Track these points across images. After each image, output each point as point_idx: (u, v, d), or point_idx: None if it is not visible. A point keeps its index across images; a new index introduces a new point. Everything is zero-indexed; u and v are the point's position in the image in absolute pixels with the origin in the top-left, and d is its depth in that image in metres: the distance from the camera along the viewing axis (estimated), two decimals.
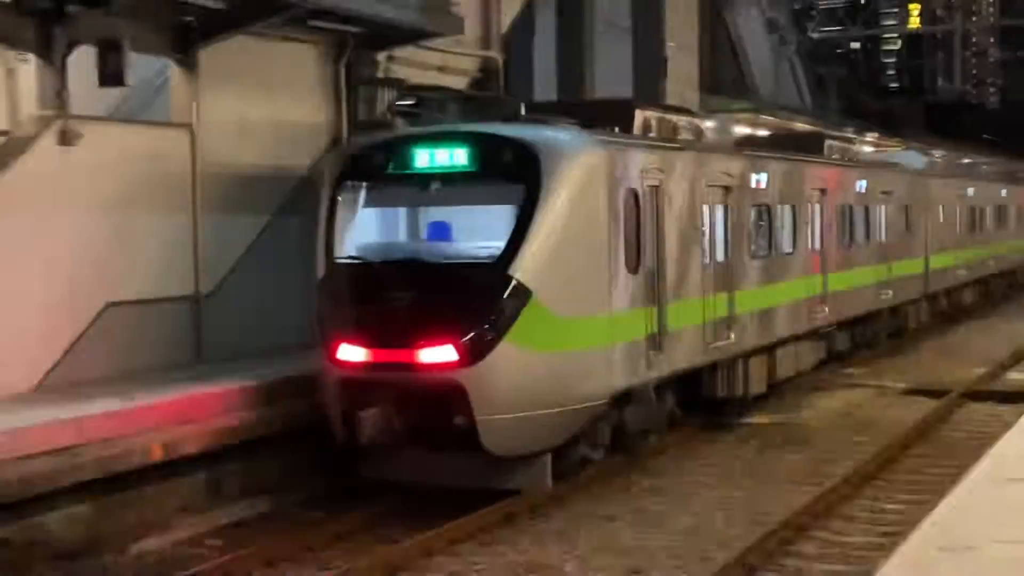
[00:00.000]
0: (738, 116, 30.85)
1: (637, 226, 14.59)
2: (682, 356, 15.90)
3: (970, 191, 33.87)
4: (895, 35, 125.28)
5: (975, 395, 20.31)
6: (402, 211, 14.86)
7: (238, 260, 16.90)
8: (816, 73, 48.08)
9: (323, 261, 14.00)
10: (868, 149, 32.01)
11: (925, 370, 23.89)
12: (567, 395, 13.50)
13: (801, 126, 36.09)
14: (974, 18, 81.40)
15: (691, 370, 16.44)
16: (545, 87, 27.44)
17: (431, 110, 24.33)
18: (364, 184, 14.23)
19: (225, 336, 16.57)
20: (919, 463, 15.79)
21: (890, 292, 25.17)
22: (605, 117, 15.64)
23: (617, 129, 15.57)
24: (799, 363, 20.37)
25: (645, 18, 28.33)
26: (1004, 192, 39.14)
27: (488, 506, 13.12)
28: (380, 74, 18.62)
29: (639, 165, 14.82)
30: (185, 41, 15.98)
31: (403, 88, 19.16)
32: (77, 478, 11.69)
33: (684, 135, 17.78)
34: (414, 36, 18.36)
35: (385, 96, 18.63)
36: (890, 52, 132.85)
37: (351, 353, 13.33)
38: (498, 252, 13.13)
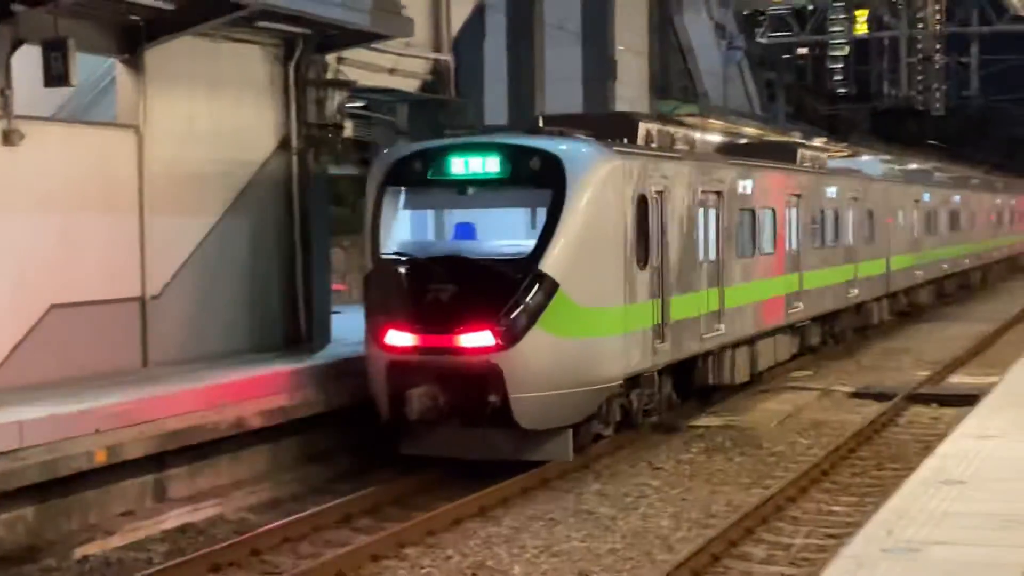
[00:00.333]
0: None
1: (645, 227, 16.22)
2: (681, 345, 17.54)
3: (926, 196, 35.79)
4: (842, 41, 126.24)
5: (920, 398, 20.51)
6: (442, 212, 16.32)
7: (185, 262, 16.76)
8: (765, 78, 48.37)
9: (370, 257, 15.48)
10: (834, 157, 33.39)
11: (871, 373, 24.09)
12: (588, 377, 15.07)
13: (750, 130, 36.28)
14: (920, 25, 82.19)
15: (688, 358, 18.04)
16: (495, 89, 27.47)
17: (381, 112, 24.35)
18: (407, 188, 15.82)
19: (172, 339, 16.45)
20: (865, 465, 15.92)
21: (856, 290, 27.03)
22: (612, 129, 17.38)
23: (625, 140, 17.19)
24: (777, 355, 22.10)
25: (595, 22, 28.41)
26: (957, 198, 41.19)
27: (504, 480, 14.54)
28: (330, 75, 18.52)
29: (647, 173, 16.45)
30: (132, 41, 15.84)
31: (353, 90, 19.09)
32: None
33: (680, 145, 19.35)
34: (364, 38, 18.28)
35: (335, 98, 18.55)
36: (837, 58, 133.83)
37: (399, 339, 14.88)
38: (529, 249, 14.76)
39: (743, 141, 28.22)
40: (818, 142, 42.63)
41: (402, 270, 15.24)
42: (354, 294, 26.49)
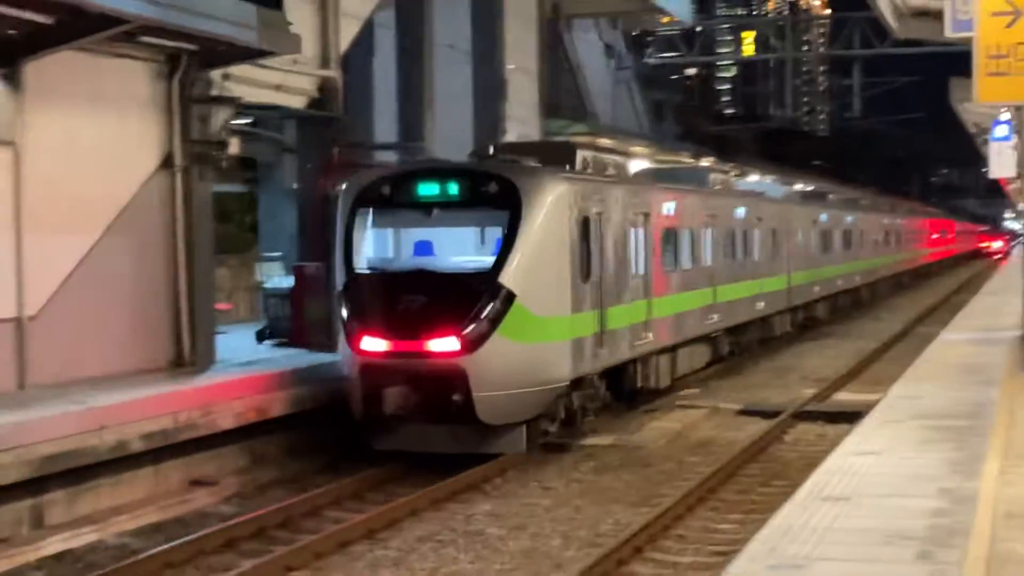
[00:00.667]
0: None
1: (587, 244, 17.93)
2: (617, 351, 19.36)
3: (823, 217, 38.62)
4: (730, 62, 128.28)
5: (806, 415, 20.76)
6: (410, 231, 17.67)
7: (65, 281, 16.36)
8: (653, 98, 48.85)
9: (344, 271, 17.01)
10: (738, 180, 36.16)
11: (758, 391, 24.36)
12: (540, 378, 16.86)
13: (638, 150, 36.65)
14: (805, 47, 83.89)
15: (621, 363, 19.80)
16: (385, 107, 27.30)
17: (268, 129, 24.08)
18: (376, 210, 17.38)
19: (51, 361, 16.04)
20: (751, 483, 16.05)
21: (762, 304, 29.42)
22: (553, 156, 19.26)
23: (567, 167, 19.06)
24: (693, 362, 24.21)
25: (485, 41, 28.41)
26: (849, 218, 43.90)
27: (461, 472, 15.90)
28: (215, 92, 18.26)
29: (588, 196, 18.20)
30: (9, 56, 15.45)
31: (239, 106, 18.84)
32: None
33: (611, 170, 21.70)
34: (250, 54, 18.04)
35: (220, 114, 18.28)
36: (725, 79, 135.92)
37: (373, 344, 16.39)
38: (489, 264, 16.47)
39: (666, 167, 30.90)
40: (706, 162, 43.23)
41: (375, 283, 16.90)
42: (241, 313, 26.19)
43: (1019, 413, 13.78)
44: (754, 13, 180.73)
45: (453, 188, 17.10)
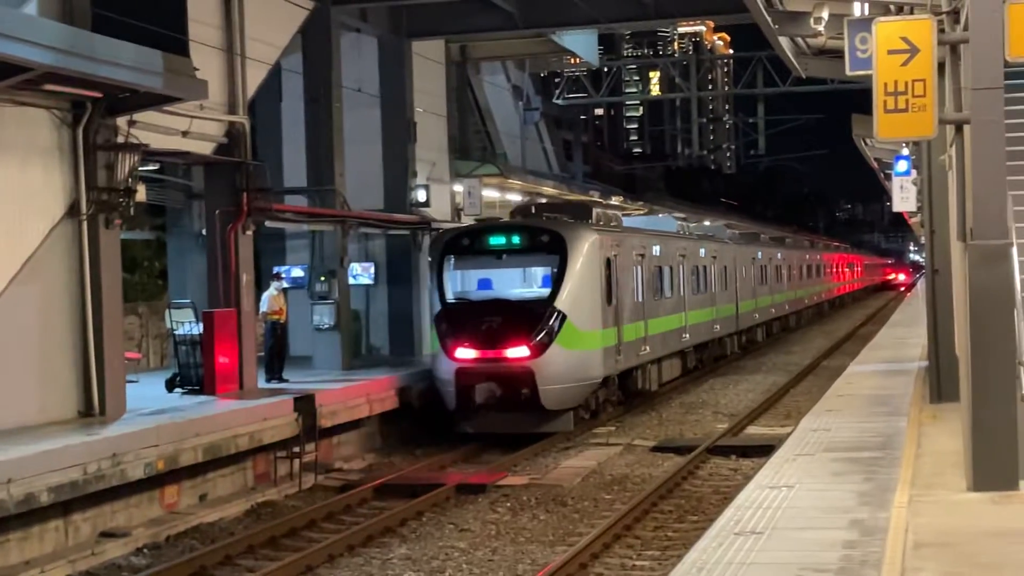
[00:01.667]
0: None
1: (610, 278, 24.00)
2: (629, 359, 25.31)
3: (759, 254, 44.80)
4: (637, 102, 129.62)
5: (719, 450, 20.93)
6: (486, 271, 23.52)
7: None
8: (562, 138, 49.15)
9: (438, 302, 22.84)
10: (695, 225, 41.93)
11: (672, 427, 24.52)
12: (584, 375, 22.80)
13: (548, 190, 36.88)
14: (710, 87, 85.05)
15: (630, 369, 25.55)
16: (293, 151, 27.22)
17: (176, 175, 23.88)
18: (459, 256, 23.30)
19: None
20: (667, 519, 16.13)
21: (718, 327, 35.32)
22: (576, 212, 25.54)
23: (588, 220, 24.93)
24: (672, 372, 29.84)
25: (393, 84, 28.41)
26: (779, 255, 50.24)
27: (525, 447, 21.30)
28: (120, 139, 18.05)
29: (609, 242, 24.38)
30: None
31: (145, 153, 18.65)
32: None
33: (614, 222, 27.16)
34: (156, 100, 17.88)
35: (126, 161, 18.08)
36: (632, 118, 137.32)
37: (465, 353, 22.16)
38: (547, 294, 22.59)
39: (643, 215, 39.15)
40: (615, 200, 43.60)
41: (463, 309, 22.68)
42: (151, 361, 25.85)
43: (926, 443, 14.01)
44: (660, 53, 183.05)
45: (516, 239, 23.32)
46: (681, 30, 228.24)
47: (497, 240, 23.36)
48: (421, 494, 17.62)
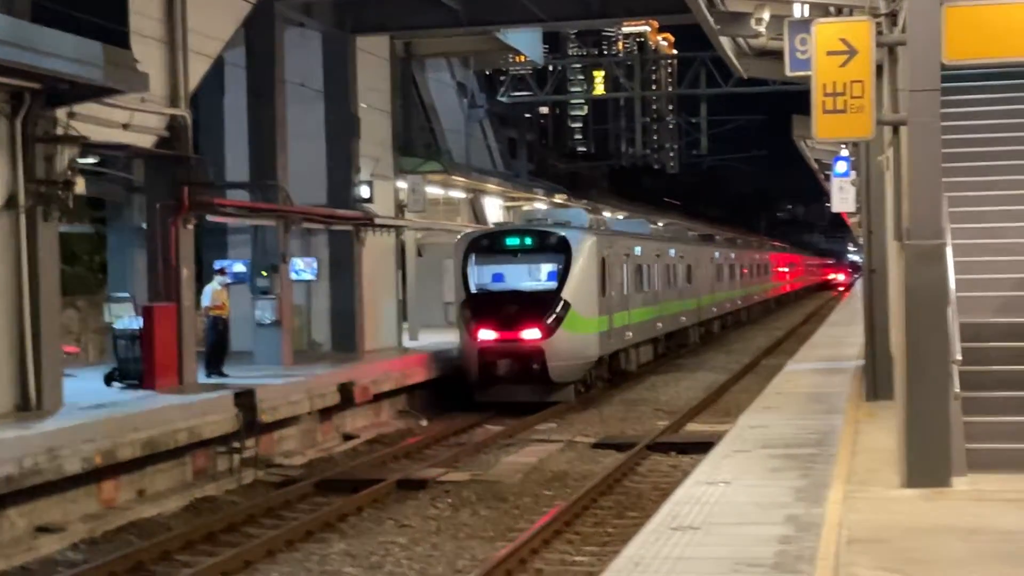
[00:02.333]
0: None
1: (604, 273, 28.34)
2: (617, 343, 29.84)
3: (716, 254, 49.70)
4: (581, 101, 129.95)
5: (659, 447, 21.06)
6: (504, 266, 27.50)
7: None
8: (507, 136, 49.18)
9: (463, 292, 27.02)
10: (662, 227, 47.86)
11: (613, 424, 24.65)
12: (584, 354, 27.16)
13: (491, 187, 36.94)
14: (653, 86, 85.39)
15: (616, 351, 29.94)
16: (236, 146, 27.06)
17: (116, 168, 23.66)
18: (481, 254, 27.40)
19: None
20: (607, 515, 16.22)
21: (684, 318, 39.79)
22: (574, 219, 30.40)
23: (587, 225, 30.33)
24: (647, 356, 34.05)
25: (337, 80, 28.30)
26: (732, 254, 55.06)
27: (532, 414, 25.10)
28: (60, 131, 17.87)
29: (603, 244, 28.78)
30: None
31: (85, 145, 18.47)
32: None
33: (604, 226, 33.47)
34: (96, 92, 17.71)
35: (65, 154, 17.91)
36: (576, 117, 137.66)
37: (486, 335, 26.29)
38: (555, 286, 26.80)
39: (622, 219, 44.02)
40: (559, 198, 43.71)
41: (485, 298, 26.88)
42: (90, 355, 25.62)
43: (861, 440, 14.17)
44: (604, 53, 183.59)
45: (528, 240, 27.58)
46: (626, 30, 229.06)
47: (513, 241, 27.69)
48: (361, 489, 17.60)
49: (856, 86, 11.33)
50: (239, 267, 26.19)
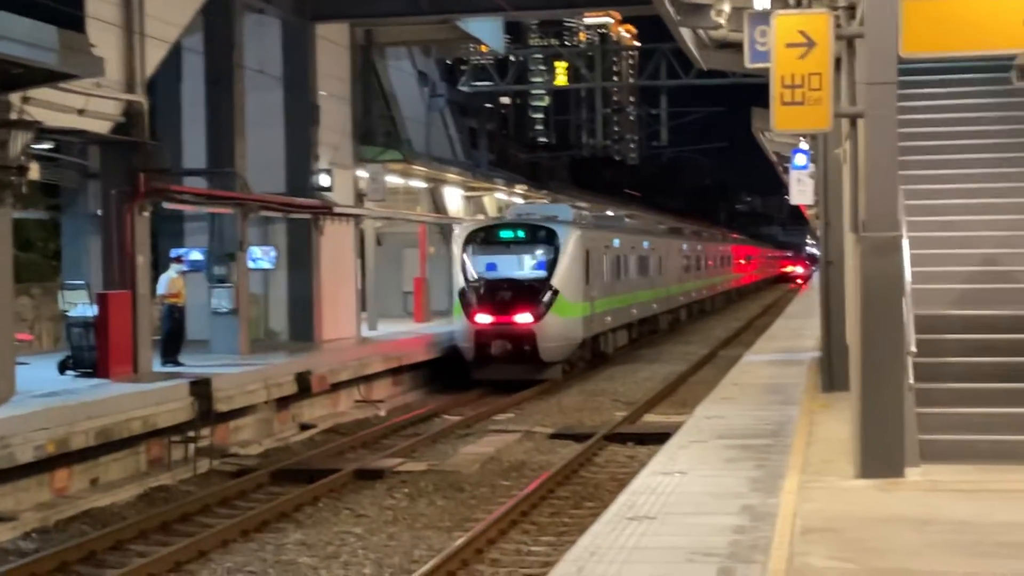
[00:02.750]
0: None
1: (587, 263, 30.86)
2: (598, 327, 32.47)
3: (684, 246, 52.81)
4: (542, 92, 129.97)
5: (616, 437, 21.09)
6: (498, 257, 29.76)
7: None
8: (467, 125, 49.07)
9: (462, 280, 29.28)
10: (632, 220, 49.60)
11: (570, 414, 24.66)
12: (570, 336, 29.66)
13: (452, 177, 36.86)
14: (615, 77, 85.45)
15: (597, 334, 32.53)
16: (193, 132, 26.86)
17: (71, 154, 23.42)
18: (478, 245, 29.78)
19: None
20: (563, 505, 16.22)
21: (655, 306, 42.62)
22: (560, 213, 32.87)
23: (573, 220, 32.52)
24: (623, 340, 36.72)
25: (296, 67, 28.12)
26: (699, 247, 58.38)
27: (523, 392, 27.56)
28: (13, 115, 17.65)
29: (587, 237, 31.39)
30: None
31: (39, 131, 18.26)
32: None
33: (587, 219, 34.98)
34: (50, 77, 17.50)
35: (19, 139, 17.69)
36: (537, 108, 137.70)
37: (482, 319, 28.68)
38: (545, 275, 29.29)
39: (608, 214, 46.91)
40: (519, 189, 43.68)
41: (481, 286, 29.13)
42: (44, 343, 25.38)
43: (816, 431, 14.23)
44: (566, 43, 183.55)
45: (520, 233, 30.07)
46: (588, 21, 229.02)
47: (507, 234, 30.14)
48: (318, 479, 17.53)
49: (814, 78, 11.34)
50: (196, 255, 26.03)
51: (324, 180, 28.26)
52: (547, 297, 28.89)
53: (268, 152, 27.50)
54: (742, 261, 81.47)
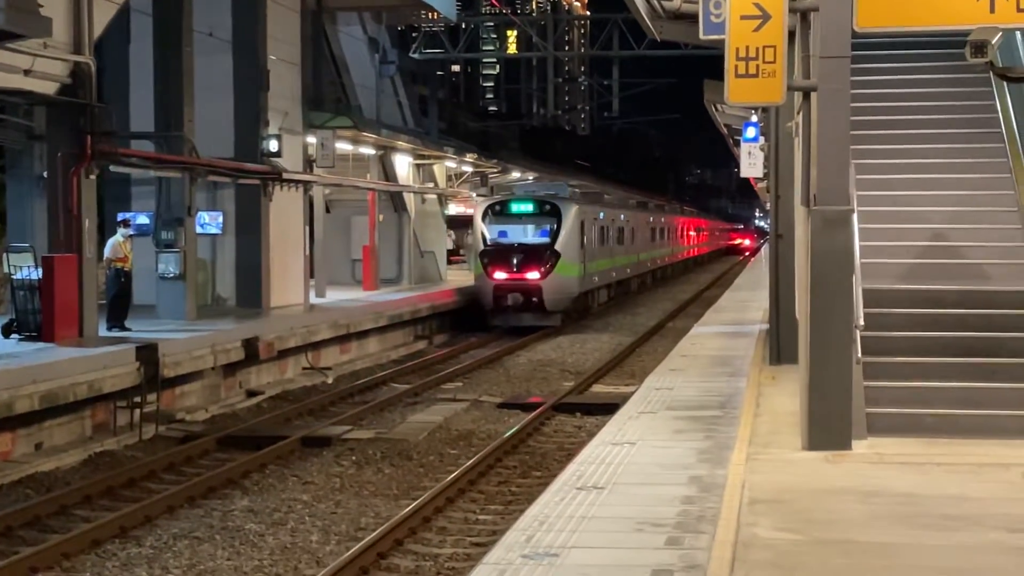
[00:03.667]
0: (341, 133, 31.03)
1: (582, 233, 36.64)
2: (588, 285, 38.42)
3: (651, 219, 58.71)
4: (493, 60, 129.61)
5: (564, 407, 21.14)
6: (512, 225, 35.85)
7: None
8: (418, 93, 48.80)
9: (482, 245, 35.48)
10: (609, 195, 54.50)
11: (519, 384, 24.70)
12: (569, 291, 35.66)
13: (402, 144, 36.68)
14: (566, 47, 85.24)
15: (586, 291, 38.48)
16: (142, 95, 26.52)
17: (16, 115, 23.06)
18: (495, 215, 35.97)
19: None
20: (511, 474, 16.25)
21: (629, 270, 49.16)
22: (560, 190, 40.02)
23: (571, 195, 39.64)
24: (604, 298, 43.28)
25: (245, 30, 27.79)
26: (663, 219, 64.36)
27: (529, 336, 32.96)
28: None
29: (582, 210, 37.31)
30: None
31: None
32: None
33: (578, 196, 41.06)
34: None
35: None
36: (488, 76, 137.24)
37: (499, 275, 34.61)
38: (549, 241, 35.24)
39: (594, 191, 51.82)
40: (470, 158, 43.55)
41: (498, 249, 35.30)
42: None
43: (764, 403, 14.33)
44: (518, 12, 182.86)
45: (530, 206, 36.55)
46: None
47: (518, 206, 36.64)
48: (265, 446, 17.46)
49: (768, 51, 11.38)
50: (143, 219, 25.76)
51: (273, 146, 27.96)
52: (551, 259, 35.12)
53: (217, 116, 27.18)
54: (693, 232, 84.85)
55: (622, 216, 48.07)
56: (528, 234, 35.81)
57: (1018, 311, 13.06)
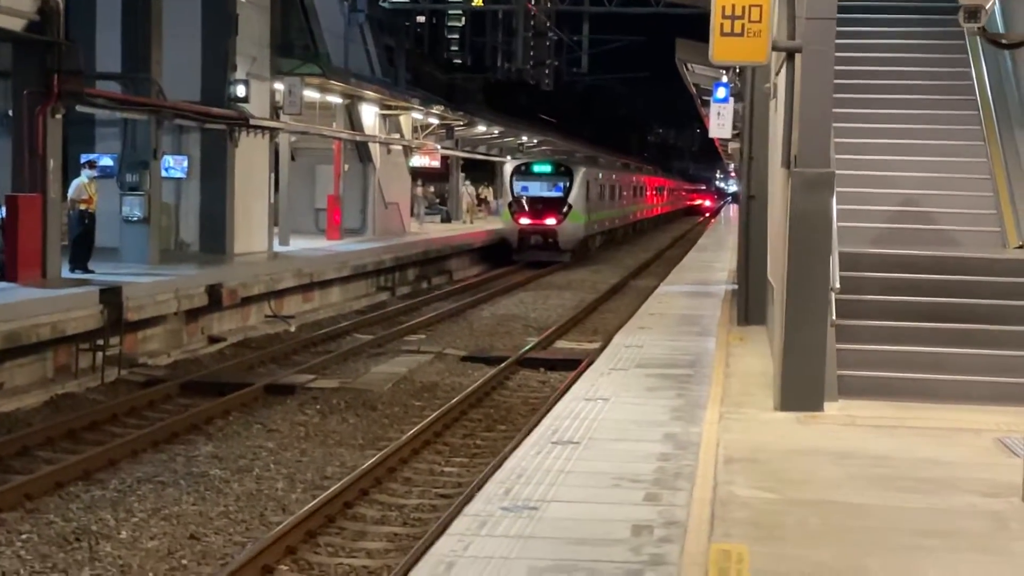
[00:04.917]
0: (309, 80, 30.76)
1: (587, 189, 46.00)
2: (590, 231, 47.46)
3: (635, 179, 67.91)
4: (459, 12, 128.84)
5: (528, 362, 21.12)
6: (535, 181, 44.74)
7: None
8: (385, 43, 48.40)
9: (510, 196, 44.62)
10: (608, 159, 67.29)
11: (483, 338, 24.66)
12: (578, 235, 45.49)
13: (370, 94, 36.40)
14: (534, 1, 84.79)
15: (588, 236, 47.23)
16: (108, 36, 26.13)
17: None
18: (520, 174, 45.14)
19: None
20: (475, 427, 16.22)
21: (617, 221, 57.39)
22: (571, 154, 62.01)
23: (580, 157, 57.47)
24: (600, 243, 51.47)
25: None
26: (643, 180, 73.20)
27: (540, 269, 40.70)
28: None
29: (589, 172, 47.50)
30: None
31: None
32: None
33: (583, 159, 56.51)
34: None
35: None
36: (454, 28, 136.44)
37: (524, 220, 44.14)
38: (563, 194, 44.83)
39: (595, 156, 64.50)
40: (437, 110, 43.34)
41: (523, 200, 44.02)
42: None
43: (734, 364, 14.37)
44: None
45: (549, 167, 45.49)
46: None
47: (540, 167, 45.58)
48: (228, 393, 17.35)
49: (755, 10, 11.31)
50: (107, 161, 25.43)
51: (241, 91, 27.66)
52: (565, 209, 43.87)
53: (184, 59, 26.83)
54: (667, 192, 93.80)
55: (613, 177, 56.91)
56: (546, 189, 44.59)
57: (991, 277, 13.12)
